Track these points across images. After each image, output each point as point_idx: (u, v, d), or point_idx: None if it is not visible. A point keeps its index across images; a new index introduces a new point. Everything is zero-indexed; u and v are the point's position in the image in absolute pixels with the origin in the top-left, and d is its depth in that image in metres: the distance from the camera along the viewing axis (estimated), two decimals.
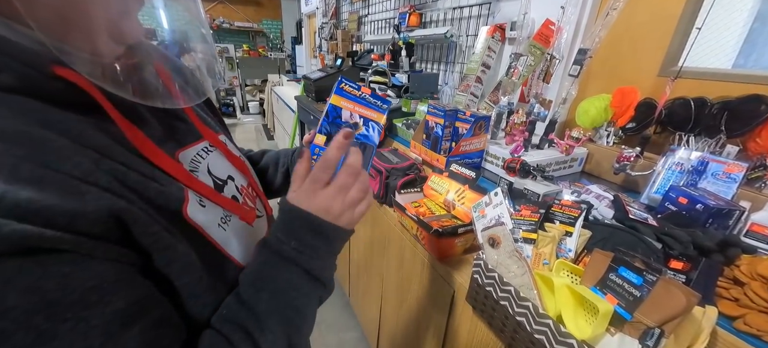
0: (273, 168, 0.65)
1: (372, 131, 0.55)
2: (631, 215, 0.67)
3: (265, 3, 6.53)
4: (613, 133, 1.02)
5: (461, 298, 0.73)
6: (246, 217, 0.41)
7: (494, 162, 1.02)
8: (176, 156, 0.36)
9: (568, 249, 0.62)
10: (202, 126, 0.43)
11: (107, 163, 0.27)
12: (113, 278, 0.25)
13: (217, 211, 0.37)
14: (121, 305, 0.25)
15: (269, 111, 4.65)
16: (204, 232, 0.33)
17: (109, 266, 0.25)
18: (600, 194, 0.81)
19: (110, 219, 0.25)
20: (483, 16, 1.47)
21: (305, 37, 4.60)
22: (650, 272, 0.46)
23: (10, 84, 0.25)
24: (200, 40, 0.39)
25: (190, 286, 0.31)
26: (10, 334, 0.20)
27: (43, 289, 0.21)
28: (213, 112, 0.52)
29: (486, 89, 1.44)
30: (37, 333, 0.21)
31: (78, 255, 0.23)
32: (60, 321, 0.22)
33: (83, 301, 0.23)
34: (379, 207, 1.10)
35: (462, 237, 0.77)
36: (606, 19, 0.86)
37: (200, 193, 0.35)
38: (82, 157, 0.25)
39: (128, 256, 0.27)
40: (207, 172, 0.39)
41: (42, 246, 0.21)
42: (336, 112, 0.54)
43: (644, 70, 1.00)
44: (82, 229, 0.23)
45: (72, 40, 0.26)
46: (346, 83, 0.55)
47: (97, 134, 0.28)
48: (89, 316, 0.23)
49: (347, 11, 2.86)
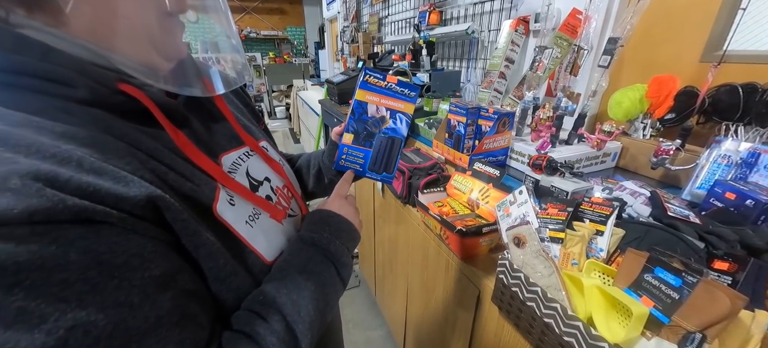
0: (306, 170, 0.69)
1: (400, 123, 0.55)
2: (670, 212, 0.63)
3: (289, 11, 6.74)
4: (649, 125, 0.96)
5: (487, 298, 0.72)
6: (275, 215, 0.45)
7: (519, 159, 1.00)
8: (219, 159, 0.42)
9: (600, 249, 0.60)
10: (244, 133, 0.48)
11: (152, 164, 0.33)
12: (151, 250, 0.30)
13: (247, 208, 0.41)
14: (157, 272, 0.29)
15: (295, 115, 4.79)
16: (230, 226, 0.38)
17: (148, 241, 0.30)
18: (635, 190, 0.76)
19: (148, 204, 0.29)
20: (505, 9, 1.43)
21: (328, 41, 4.69)
22: (690, 273, 0.43)
23: (85, 97, 0.31)
24: (231, 50, 0.44)
25: (215, 270, 0.35)
26: (71, 283, 0.25)
27: (97, 251, 0.26)
28: (257, 121, 0.58)
29: (510, 84, 1.40)
30: (92, 285, 0.25)
31: (122, 229, 0.28)
32: (108, 278, 0.26)
33: (127, 265, 0.27)
34: (403, 207, 1.11)
35: (487, 236, 0.76)
36: (638, 5, 0.81)
37: (234, 192, 0.40)
38: (133, 157, 0.31)
39: (163, 235, 0.31)
40: (245, 174, 0.44)
41: (95, 218, 0.26)
42: (362, 107, 0.54)
43: (684, 57, 0.94)
44: (126, 209, 0.28)
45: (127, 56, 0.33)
46: (370, 74, 0.54)
47: (149, 140, 0.34)
48: (131, 277, 0.28)
49: (368, 13, 2.88)
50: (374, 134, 0.55)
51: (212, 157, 0.40)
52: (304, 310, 0.38)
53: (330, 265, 0.44)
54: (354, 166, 0.55)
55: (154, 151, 0.34)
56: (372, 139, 0.54)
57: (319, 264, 0.43)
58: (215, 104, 0.47)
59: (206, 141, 0.41)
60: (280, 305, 0.37)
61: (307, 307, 0.38)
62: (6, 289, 0.22)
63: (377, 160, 0.55)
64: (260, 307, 0.37)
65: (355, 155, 0.54)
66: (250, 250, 0.40)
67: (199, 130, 0.41)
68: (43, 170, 0.25)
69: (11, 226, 0.22)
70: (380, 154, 0.55)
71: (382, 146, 0.55)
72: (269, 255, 0.42)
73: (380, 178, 0.56)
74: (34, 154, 0.25)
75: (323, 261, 0.44)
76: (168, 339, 0.29)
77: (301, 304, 0.38)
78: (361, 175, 0.57)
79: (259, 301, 0.38)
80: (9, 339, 0.22)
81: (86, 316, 0.25)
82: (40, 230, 0.24)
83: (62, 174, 0.25)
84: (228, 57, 0.45)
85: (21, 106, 0.28)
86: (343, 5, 3.40)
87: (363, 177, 0.58)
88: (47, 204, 0.24)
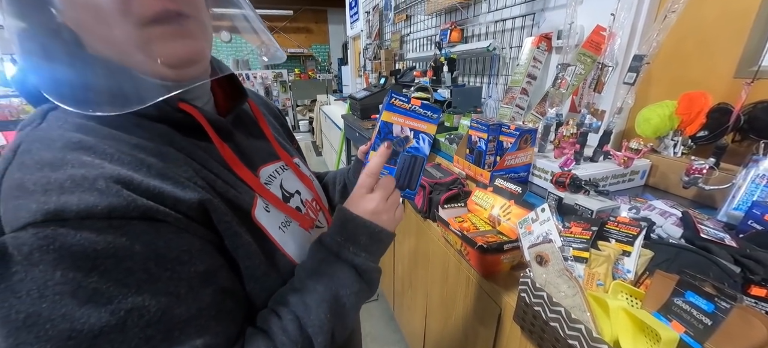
0: (332, 186, 0.72)
1: (422, 143, 0.57)
2: (703, 234, 0.61)
3: (315, 30, 7.02)
4: (680, 143, 0.93)
5: (508, 317, 0.71)
6: (304, 224, 0.48)
7: (542, 176, 0.99)
8: (259, 170, 0.46)
9: (627, 270, 0.58)
10: (280, 150, 0.53)
11: (204, 172, 0.38)
12: (198, 248, 0.33)
13: (280, 216, 0.45)
14: (201, 268, 0.33)
15: (318, 129, 4.92)
16: (265, 230, 0.42)
17: (196, 240, 0.33)
18: (665, 210, 0.74)
19: (200, 206, 0.34)
20: (527, 27, 1.44)
21: (350, 57, 4.83)
22: (723, 298, 0.42)
23: (153, 114, 0.37)
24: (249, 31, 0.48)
25: (251, 269, 0.38)
26: (134, 271, 0.29)
27: (156, 245, 0.30)
28: (291, 140, 0.63)
29: (532, 100, 1.40)
30: (149, 274, 0.29)
31: (177, 228, 0.32)
32: (163, 269, 0.30)
33: (178, 259, 0.31)
34: (423, 221, 1.11)
35: (508, 254, 0.75)
36: (665, 22, 0.80)
37: (268, 201, 0.44)
38: (189, 166, 0.36)
39: (209, 235, 0.35)
40: (279, 186, 0.48)
41: (157, 217, 0.30)
42: (387, 128, 0.57)
43: (716, 73, 0.91)
44: (181, 210, 0.32)
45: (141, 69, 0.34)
46: (396, 97, 0.57)
47: (201, 152, 0.39)
48: (181, 270, 0.31)
49: (390, 31, 2.97)
50: (399, 153, 0.57)
51: (251, 169, 0.44)
52: (314, 312, 0.39)
53: (345, 267, 0.42)
54: None
55: (205, 161, 0.39)
56: (396, 157, 0.57)
57: (331, 266, 0.42)
58: (257, 123, 0.53)
59: (247, 154, 0.46)
60: (293, 305, 0.39)
61: (317, 309, 0.39)
62: (86, 271, 0.27)
63: (401, 177, 0.57)
64: (276, 306, 0.40)
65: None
66: (282, 254, 0.43)
67: (242, 144, 0.46)
68: (123, 175, 0.30)
69: (95, 219, 0.27)
70: (404, 171, 0.57)
71: (406, 164, 0.57)
72: (298, 259, 0.45)
73: (403, 194, 0.58)
74: (116, 161, 0.31)
75: (337, 263, 0.43)
76: (205, 329, 0.32)
77: (311, 306, 0.39)
78: None
79: (276, 300, 0.41)
80: (83, 314, 0.26)
81: (142, 301, 0.28)
82: (115, 224, 0.28)
83: (136, 178, 0.30)
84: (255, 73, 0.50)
85: (106, 122, 0.34)
86: (366, 23, 3.52)
87: None
88: (123, 203, 0.28)
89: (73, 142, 0.30)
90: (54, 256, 0.26)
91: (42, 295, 0.26)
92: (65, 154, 0.29)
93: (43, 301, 0.26)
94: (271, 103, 0.65)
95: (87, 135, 0.32)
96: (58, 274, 0.26)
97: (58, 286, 0.26)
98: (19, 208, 0.26)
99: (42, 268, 0.25)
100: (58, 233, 0.26)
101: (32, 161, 0.29)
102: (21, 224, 0.26)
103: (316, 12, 6.80)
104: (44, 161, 0.29)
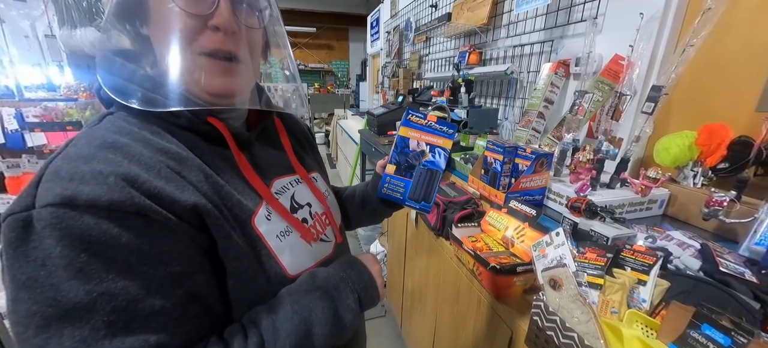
0: (350, 200, 0.75)
1: (438, 157, 0.60)
2: (723, 267, 0.60)
3: (335, 46, 7.24)
4: (700, 174, 0.92)
5: (520, 340, 0.71)
6: (306, 236, 0.51)
7: (557, 200, 0.99)
8: (272, 181, 0.50)
9: (642, 299, 0.58)
10: (297, 164, 0.56)
11: (214, 178, 0.41)
12: (180, 250, 0.36)
13: (281, 225, 0.47)
14: (177, 269, 0.36)
15: (334, 142, 5.02)
16: (262, 237, 0.44)
17: (180, 242, 0.36)
18: (683, 242, 0.73)
19: (193, 208, 0.37)
20: (545, 52, 1.47)
21: (369, 74, 4.95)
22: (741, 333, 0.42)
23: (184, 124, 0.42)
24: (285, 80, 0.56)
25: (239, 271, 0.41)
26: (115, 260, 0.32)
27: (141, 241, 0.33)
28: (314, 154, 0.66)
29: (549, 124, 1.41)
30: (128, 265, 0.33)
31: (167, 227, 0.35)
32: (141, 263, 0.33)
33: (158, 258, 0.34)
34: (436, 239, 1.12)
35: (521, 276, 0.75)
36: (682, 56, 0.81)
37: (273, 210, 0.47)
38: (201, 171, 0.40)
39: (199, 237, 0.38)
40: (290, 197, 0.51)
41: (149, 215, 0.34)
42: (404, 142, 0.60)
43: (737, 106, 0.90)
44: (175, 210, 0.36)
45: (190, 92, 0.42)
46: (412, 114, 0.60)
47: (219, 160, 0.44)
48: (157, 268, 0.34)
49: (409, 51, 3.04)
50: (414, 166, 0.59)
51: (265, 179, 0.48)
52: (281, 342, 0.40)
53: (329, 303, 0.45)
54: (395, 194, 0.60)
55: (221, 168, 0.43)
56: (412, 170, 0.59)
57: (314, 299, 0.44)
58: (278, 137, 0.56)
59: (263, 165, 0.50)
60: (263, 328, 0.40)
61: (285, 339, 0.40)
62: (79, 251, 0.31)
63: (417, 190, 0.59)
64: (248, 323, 0.41)
65: (397, 184, 0.60)
66: (275, 261, 0.45)
67: (259, 155, 0.50)
68: (132, 173, 0.34)
69: (97, 208, 0.31)
70: (420, 184, 0.59)
71: (421, 177, 0.59)
72: (291, 269, 0.47)
73: (419, 207, 0.60)
74: (134, 161, 0.35)
75: (322, 297, 0.45)
76: (163, 327, 0.35)
77: (281, 334, 0.40)
78: (400, 203, 0.61)
79: (251, 317, 0.42)
80: (66, 288, 0.30)
81: (114, 288, 0.32)
82: (113, 216, 0.32)
83: (142, 177, 0.34)
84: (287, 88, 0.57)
85: (147, 127, 0.40)
86: (386, 43, 3.62)
87: (403, 205, 0.62)
88: (122, 198, 0.32)
89: (108, 142, 0.36)
90: (59, 233, 0.30)
91: (43, 264, 0.30)
92: (97, 151, 0.34)
93: (42, 268, 0.30)
94: (301, 121, 0.69)
95: (123, 136, 0.37)
96: (58, 249, 0.30)
97: (56, 259, 0.30)
98: (49, 190, 0.31)
99: (49, 242, 0.30)
100: (67, 215, 0.30)
101: (74, 153, 0.34)
102: (45, 203, 0.31)
103: (338, 30, 7.04)
104: (81, 155, 0.34)
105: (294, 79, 0.55)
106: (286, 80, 0.56)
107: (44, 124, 1.29)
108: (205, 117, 0.43)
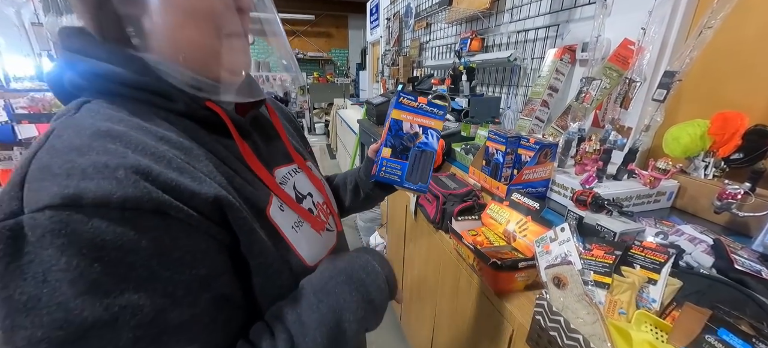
0: (343, 187, 0.72)
1: (431, 138, 0.60)
2: (738, 265, 0.57)
3: (335, 34, 7.12)
4: (712, 165, 0.88)
5: (521, 338, 0.68)
6: (316, 226, 0.49)
7: (562, 193, 0.95)
8: (274, 171, 0.48)
9: (652, 299, 0.55)
10: (294, 153, 0.54)
11: (223, 168, 0.38)
12: (204, 249, 0.33)
13: (293, 216, 0.45)
14: (203, 272, 0.33)
15: (333, 132, 4.97)
16: (279, 229, 0.42)
17: (203, 240, 0.33)
18: (695, 237, 0.70)
19: (215, 201, 0.33)
20: (550, 38, 1.41)
21: (369, 63, 4.87)
22: (762, 339, 0.38)
23: (181, 110, 0.38)
24: (284, 68, 0.52)
25: (264, 266, 0.38)
26: (135, 267, 0.28)
27: (162, 242, 0.30)
28: (305, 144, 0.64)
29: (553, 113, 1.36)
30: (150, 271, 0.29)
31: (188, 225, 0.31)
32: (164, 268, 0.30)
33: (181, 260, 0.31)
34: (435, 232, 1.09)
35: (523, 272, 0.72)
36: (698, 39, 0.76)
37: (282, 200, 0.44)
38: (209, 161, 0.37)
39: (221, 234, 0.35)
40: (293, 187, 0.49)
41: (169, 212, 0.30)
42: (397, 125, 0.60)
43: (754, 93, 0.86)
44: (195, 205, 0.32)
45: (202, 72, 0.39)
46: (404, 96, 0.61)
47: (223, 149, 0.40)
48: (182, 272, 0.31)
49: (409, 38, 2.97)
50: (409, 148, 0.59)
51: (268, 169, 0.45)
52: (311, 335, 0.37)
53: (353, 289, 0.41)
54: (392, 177, 0.58)
55: (226, 157, 0.40)
56: (407, 152, 0.59)
57: (340, 284, 0.41)
58: (273, 124, 0.53)
59: (264, 154, 0.47)
60: (289, 323, 0.37)
61: (314, 332, 0.37)
62: (90, 260, 0.26)
63: (414, 172, 0.59)
64: (273, 320, 0.38)
65: (393, 167, 0.59)
66: (294, 253, 0.43)
67: (258, 143, 0.47)
68: (143, 165, 0.30)
69: (109, 208, 0.27)
70: (415, 165, 0.59)
71: (416, 159, 0.59)
72: (310, 259, 0.45)
73: (416, 188, 0.59)
74: (139, 151, 0.31)
75: (348, 281, 0.41)
76: (195, 337, 0.32)
77: (309, 327, 0.37)
78: (398, 185, 0.60)
79: (274, 313, 0.39)
80: (78, 306, 0.26)
81: (137, 299, 0.28)
82: (128, 215, 0.28)
83: (155, 169, 0.30)
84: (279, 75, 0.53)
85: (137, 113, 0.35)
86: (386, 30, 3.54)
87: (401, 187, 0.60)
88: (138, 194, 0.28)
89: (102, 131, 0.31)
90: (63, 241, 0.26)
91: (45, 280, 0.26)
92: (93, 141, 0.30)
93: (45, 285, 0.26)
94: (285, 108, 0.66)
95: (117, 125, 0.32)
96: (63, 260, 0.26)
97: (61, 272, 0.26)
98: (41, 190, 0.26)
99: (50, 253, 0.25)
100: (72, 218, 0.26)
101: (62, 146, 0.29)
102: (40, 206, 0.26)
103: (337, 17, 6.90)
104: (73, 146, 0.29)
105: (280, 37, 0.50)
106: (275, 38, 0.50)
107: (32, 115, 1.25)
108: (205, 101, 0.39)
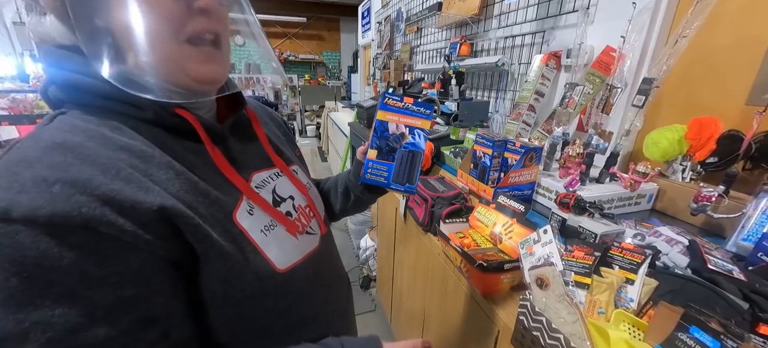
0: (334, 191, 0.72)
1: (418, 138, 0.59)
2: (711, 265, 0.59)
3: (326, 37, 7.12)
4: (689, 168, 0.91)
5: (506, 338, 0.69)
6: (291, 229, 0.49)
7: (546, 195, 0.97)
8: (251, 175, 0.47)
9: (629, 298, 0.57)
10: (276, 157, 0.53)
11: (187, 175, 0.38)
12: (135, 270, 0.32)
13: (264, 219, 0.45)
14: (130, 293, 0.32)
15: (325, 135, 4.96)
16: (246, 232, 0.42)
17: (137, 258, 0.32)
18: (672, 238, 0.72)
19: (160, 210, 0.33)
20: (537, 44, 1.44)
21: (360, 66, 4.88)
22: (730, 336, 0.40)
23: (150, 118, 0.38)
24: (269, 71, 0.51)
25: (223, 271, 0.38)
26: (55, 284, 0.28)
27: (87, 261, 0.29)
28: (293, 148, 0.63)
29: (539, 117, 1.39)
30: (69, 289, 0.29)
31: (120, 241, 0.31)
32: (85, 287, 0.29)
33: (105, 279, 0.30)
34: (424, 234, 1.10)
35: (508, 273, 0.74)
36: (675, 47, 0.79)
37: (255, 204, 0.44)
38: (170, 169, 0.36)
39: (164, 249, 0.34)
40: (271, 191, 0.49)
41: (99, 229, 0.29)
42: (383, 126, 0.59)
43: (727, 100, 0.89)
44: (136, 216, 0.31)
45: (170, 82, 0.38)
46: (389, 97, 0.60)
47: (192, 156, 0.40)
48: (104, 292, 0.30)
49: (400, 42, 2.99)
50: (395, 149, 0.58)
51: (242, 173, 0.45)
52: None
53: None
54: (379, 179, 0.58)
55: (193, 164, 0.40)
56: (394, 153, 0.58)
57: None
58: (252, 129, 0.53)
59: (238, 159, 0.47)
60: None
61: None
62: (8, 275, 0.27)
63: (400, 173, 0.58)
64: None
65: (380, 169, 0.58)
66: (262, 256, 0.43)
67: (234, 149, 0.47)
68: (83, 177, 0.29)
69: (36, 223, 0.27)
70: (402, 166, 0.58)
71: (403, 159, 0.58)
72: (279, 263, 0.45)
73: (404, 190, 0.58)
74: (86, 163, 0.31)
75: None
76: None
77: None
78: (385, 187, 0.60)
79: None
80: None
81: (51, 317, 0.28)
82: (54, 231, 0.28)
83: (95, 181, 0.30)
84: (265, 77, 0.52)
85: (106, 123, 0.35)
86: (377, 33, 3.56)
87: (388, 189, 0.60)
88: (67, 209, 0.28)
89: (56, 143, 0.31)
90: None
91: None
92: (43, 154, 0.30)
93: None
94: (273, 112, 0.65)
95: (76, 135, 0.33)
96: None
97: None
98: None
99: None
100: (0, 232, 0.27)
101: (16, 157, 0.30)
102: None
103: (329, 20, 6.91)
104: (24, 158, 0.30)
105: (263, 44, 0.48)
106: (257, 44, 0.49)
107: (12, 116, 1.22)
108: (173, 108, 0.39)
